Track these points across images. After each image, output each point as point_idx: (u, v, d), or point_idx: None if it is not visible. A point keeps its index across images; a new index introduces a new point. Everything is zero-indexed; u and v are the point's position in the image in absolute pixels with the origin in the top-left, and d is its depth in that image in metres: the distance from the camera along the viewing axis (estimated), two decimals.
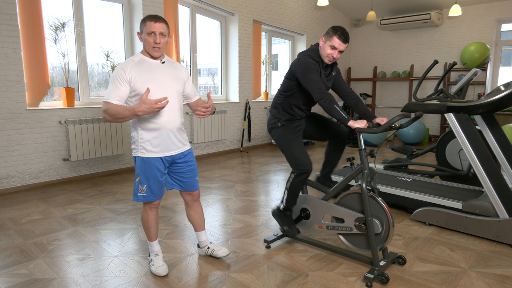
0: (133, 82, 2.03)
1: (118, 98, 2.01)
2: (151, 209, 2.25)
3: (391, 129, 2.24)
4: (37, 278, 2.24)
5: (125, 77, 2.02)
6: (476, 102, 2.80)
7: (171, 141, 2.17)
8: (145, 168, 2.14)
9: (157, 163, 2.15)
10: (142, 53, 2.14)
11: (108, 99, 2.01)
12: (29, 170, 4.13)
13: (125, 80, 2.02)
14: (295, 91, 2.55)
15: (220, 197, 3.89)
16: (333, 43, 2.40)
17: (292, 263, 2.43)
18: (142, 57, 2.11)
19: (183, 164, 2.27)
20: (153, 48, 2.06)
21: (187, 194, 2.39)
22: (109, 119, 2.01)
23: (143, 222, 2.29)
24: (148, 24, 2.02)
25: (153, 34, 2.03)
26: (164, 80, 2.12)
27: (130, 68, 2.04)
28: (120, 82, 2.02)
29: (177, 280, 2.22)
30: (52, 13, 4.30)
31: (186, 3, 5.73)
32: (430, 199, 3.15)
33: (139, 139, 2.13)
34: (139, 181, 2.16)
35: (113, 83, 2.02)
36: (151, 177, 2.15)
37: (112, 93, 2.01)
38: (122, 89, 2.02)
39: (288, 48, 8.08)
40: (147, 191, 2.17)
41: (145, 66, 2.09)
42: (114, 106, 1.99)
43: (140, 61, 2.09)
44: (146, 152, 2.13)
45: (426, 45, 8.00)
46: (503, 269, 2.38)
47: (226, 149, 6.47)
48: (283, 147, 2.58)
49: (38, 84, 4.16)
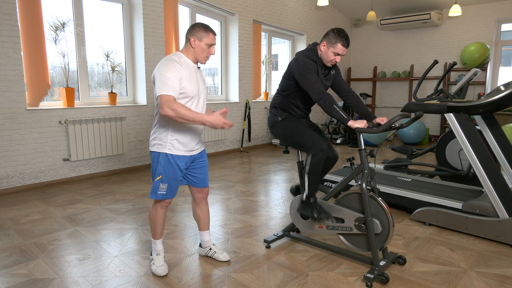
0: (183, 81, 2.07)
1: (175, 92, 2.01)
2: (162, 207, 2.27)
3: (391, 129, 2.24)
4: (37, 278, 2.24)
5: (178, 74, 2.04)
6: (476, 102, 2.80)
7: (196, 141, 2.24)
8: (168, 167, 2.16)
9: (180, 162, 2.18)
10: (183, 53, 2.17)
11: (169, 92, 1.98)
12: (29, 170, 4.13)
13: (178, 77, 2.04)
14: (293, 91, 2.54)
15: (220, 197, 3.89)
16: (337, 50, 2.39)
17: (292, 263, 2.43)
18: (185, 58, 2.15)
19: (199, 160, 2.32)
20: (206, 58, 2.17)
21: (197, 191, 2.40)
22: (172, 114, 1.97)
23: (151, 219, 2.30)
24: (211, 36, 2.13)
25: (213, 46, 2.15)
26: (199, 83, 2.20)
27: (180, 66, 2.07)
28: (175, 76, 2.02)
29: (177, 280, 2.22)
30: (52, 13, 4.30)
31: (186, 3, 5.73)
32: (430, 199, 3.15)
33: (169, 136, 2.15)
34: (161, 180, 2.17)
35: (167, 78, 1.99)
36: (172, 176, 2.18)
37: (170, 87, 1.99)
38: (176, 83, 2.02)
39: (288, 48, 8.08)
40: (167, 189, 2.20)
41: (188, 67, 2.14)
42: (180, 104, 1.98)
43: (184, 62, 2.13)
44: (174, 150, 2.16)
45: (426, 45, 8.00)
46: (503, 269, 2.38)
47: (226, 149, 6.47)
48: (290, 136, 2.53)
49: (38, 84, 4.16)
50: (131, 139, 5.03)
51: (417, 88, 4.32)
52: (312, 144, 2.42)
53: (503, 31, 7.25)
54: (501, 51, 7.28)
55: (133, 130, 5.05)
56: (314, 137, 2.45)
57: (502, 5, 7.01)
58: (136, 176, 4.76)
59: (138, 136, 5.12)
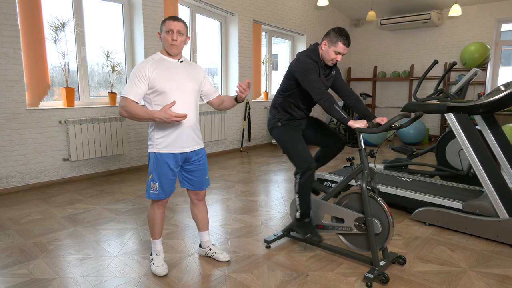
0: (152, 80, 2.10)
1: (135, 95, 2.08)
2: (158, 207, 2.28)
3: (391, 129, 2.24)
4: (37, 278, 2.24)
5: (144, 74, 2.09)
6: (476, 102, 2.80)
7: (186, 138, 2.21)
8: (157, 165, 2.18)
9: (169, 160, 2.18)
10: (161, 52, 2.20)
11: (126, 95, 2.07)
12: (29, 170, 4.13)
13: (144, 78, 2.09)
14: (294, 91, 2.55)
15: (220, 197, 3.89)
16: (338, 49, 2.40)
17: (292, 263, 2.43)
18: (161, 56, 2.18)
19: (195, 162, 2.30)
20: (171, 46, 2.14)
21: (193, 193, 2.41)
22: (125, 115, 2.07)
23: (149, 219, 2.31)
24: (167, 23, 2.11)
25: (171, 31, 2.11)
26: (181, 78, 2.18)
27: (149, 65, 2.11)
28: (139, 79, 2.08)
29: (177, 280, 2.22)
30: (52, 13, 4.30)
31: (186, 3, 5.73)
32: (430, 199, 3.15)
33: (155, 135, 2.18)
34: (152, 179, 2.20)
35: (132, 80, 2.09)
36: (163, 175, 2.19)
37: (131, 90, 2.08)
38: (140, 86, 2.09)
39: (288, 48, 8.08)
40: (158, 189, 2.20)
41: (164, 64, 2.15)
42: (133, 104, 2.06)
43: (159, 60, 2.16)
44: (160, 148, 2.17)
45: (426, 45, 8.00)
46: (503, 269, 2.38)
47: (226, 149, 6.47)
48: (285, 146, 2.57)
49: (38, 84, 4.16)
50: (131, 139, 5.03)
51: (417, 88, 4.32)
52: (300, 161, 2.48)
53: (503, 31, 7.25)
54: (501, 51, 7.28)
55: (133, 130, 5.05)
56: (302, 153, 2.49)
57: (502, 5, 7.01)
58: (136, 176, 4.76)
59: (138, 136, 5.12)
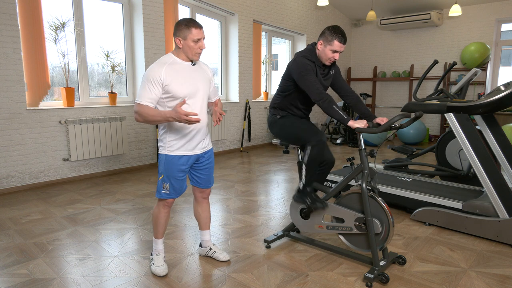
0: (167, 85, 2.07)
1: (150, 100, 2.05)
2: (164, 206, 2.29)
3: (391, 129, 2.24)
4: (37, 278, 2.24)
5: (159, 79, 2.05)
6: (476, 102, 2.80)
7: (197, 141, 2.22)
8: (168, 167, 2.18)
9: (180, 162, 2.19)
10: (173, 54, 2.16)
11: (140, 101, 2.05)
12: (29, 170, 4.13)
13: (158, 83, 2.05)
14: (293, 92, 2.54)
15: (220, 197, 3.89)
16: (334, 48, 2.38)
17: (292, 263, 2.43)
18: (174, 59, 2.14)
19: (205, 161, 2.32)
20: (197, 54, 2.13)
21: (198, 191, 2.42)
22: (140, 120, 2.06)
23: (154, 218, 2.32)
24: (194, 32, 2.07)
25: (200, 40, 2.10)
26: (195, 83, 2.17)
27: (164, 70, 2.07)
28: (153, 84, 2.05)
29: (177, 280, 2.22)
30: (52, 13, 4.30)
31: (186, 3, 5.73)
32: (430, 199, 3.15)
33: (166, 137, 2.18)
34: (163, 179, 2.21)
35: (145, 85, 2.05)
36: (173, 176, 2.20)
37: (144, 95, 2.05)
38: (154, 91, 2.06)
39: (288, 48, 8.08)
40: (170, 189, 2.21)
41: (177, 67, 2.12)
42: (147, 108, 2.04)
43: (173, 63, 2.13)
44: (172, 151, 2.17)
45: (426, 45, 8.00)
46: (503, 269, 2.38)
47: (226, 149, 6.47)
48: (289, 132, 2.53)
49: (38, 84, 4.16)
50: (131, 139, 5.03)
51: (417, 88, 4.32)
52: (311, 136, 2.43)
53: (503, 31, 7.25)
54: (501, 51, 7.28)
55: (133, 130, 5.05)
56: (312, 129, 2.47)
57: (502, 5, 7.01)
58: (136, 176, 4.76)
59: (138, 136, 5.12)
